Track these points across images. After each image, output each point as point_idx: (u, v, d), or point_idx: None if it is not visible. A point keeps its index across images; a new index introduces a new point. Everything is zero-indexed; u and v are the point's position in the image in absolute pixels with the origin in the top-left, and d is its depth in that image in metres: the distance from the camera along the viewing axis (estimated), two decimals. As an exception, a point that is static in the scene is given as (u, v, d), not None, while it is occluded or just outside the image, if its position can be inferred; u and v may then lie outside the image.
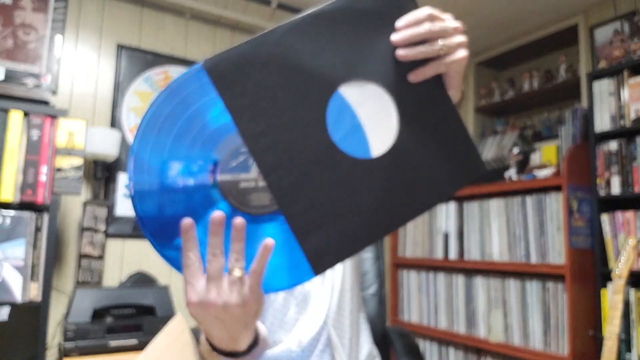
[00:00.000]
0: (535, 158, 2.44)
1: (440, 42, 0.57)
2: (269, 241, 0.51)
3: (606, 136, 2.12)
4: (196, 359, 1.00)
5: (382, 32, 0.55)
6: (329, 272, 1.08)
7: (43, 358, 1.76)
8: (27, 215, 1.75)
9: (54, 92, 2.24)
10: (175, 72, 2.56)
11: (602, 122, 2.13)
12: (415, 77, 0.57)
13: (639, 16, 2.34)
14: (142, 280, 2.19)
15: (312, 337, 1.00)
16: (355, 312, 1.10)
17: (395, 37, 0.56)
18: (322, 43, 0.52)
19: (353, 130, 0.54)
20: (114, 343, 1.86)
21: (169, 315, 1.95)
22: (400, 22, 0.57)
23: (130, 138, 2.41)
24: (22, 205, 1.75)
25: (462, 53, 0.59)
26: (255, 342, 0.63)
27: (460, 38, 0.60)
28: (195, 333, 1.09)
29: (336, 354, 1.01)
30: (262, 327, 0.72)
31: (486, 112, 3.29)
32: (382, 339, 1.37)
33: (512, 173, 2.45)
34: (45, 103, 1.88)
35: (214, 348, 0.60)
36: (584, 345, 2.05)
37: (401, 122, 0.55)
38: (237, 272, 0.51)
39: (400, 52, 0.56)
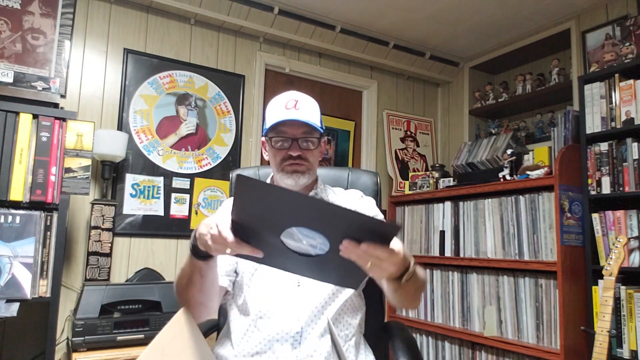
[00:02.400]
0: (528, 159, 2.49)
1: (369, 265, 0.79)
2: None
3: (597, 138, 2.17)
4: (200, 350, 1.05)
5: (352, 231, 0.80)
6: None
7: (52, 353, 1.80)
8: (37, 214, 1.79)
9: (63, 95, 2.30)
10: (180, 75, 2.62)
11: (593, 124, 2.19)
12: (343, 255, 0.79)
13: (631, 20, 2.40)
14: (148, 276, 2.24)
15: (309, 318, 1.09)
16: (355, 321, 1.18)
17: (344, 249, 0.78)
18: (304, 212, 0.78)
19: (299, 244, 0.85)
20: (121, 338, 1.90)
21: (175, 310, 1.96)
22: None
23: (136, 140, 2.47)
24: (32, 205, 1.80)
25: (379, 274, 0.84)
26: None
27: (388, 267, 0.82)
28: (200, 328, 1.14)
29: (338, 344, 1.08)
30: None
31: (481, 114, 3.35)
32: (380, 334, 1.41)
33: (505, 173, 2.50)
34: (54, 106, 1.91)
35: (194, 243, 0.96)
36: (576, 340, 2.10)
37: (329, 252, 0.83)
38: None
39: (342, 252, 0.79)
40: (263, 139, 1.23)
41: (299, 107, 1.14)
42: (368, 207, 1.28)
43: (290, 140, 1.15)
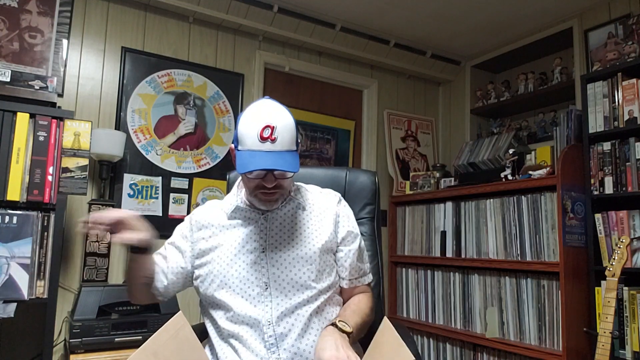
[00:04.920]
0: (530, 159, 2.47)
1: None
2: None
3: (600, 137, 2.16)
4: (195, 355, 1.04)
5: None
6: None
7: (49, 354, 1.79)
8: (34, 214, 1.78)
9: (60, 94, 2.29)
10: (178, 74, 2.60)
11: (596, 124, 2.17)
12: None
13: (633, 19, 2.38)
14: (146, 277, 2.23)
15: (279, 318, 1.14)
16: (333, 316, 1.18)
17: None
18: None
19: None
20: (119, 339, 1.89)
21: (173, 312, 1.97)
22: None
23: (134, 139, 2.45)
24: (29, 205, 1.79)
25: None
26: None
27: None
28: (196, 330, 1.13)
29: None
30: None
31: (482, 113, 3.33)
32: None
33: (507, 173, 2.48)
34: (51, 105, 1.90)
35: None
36: (578, 342, 2.09)
37: None
38: None
39: None
40: (232, 145, 1.16)
41: (275, 136, 1.06)
42: (347, 217, 1.26)
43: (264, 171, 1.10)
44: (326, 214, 1.23)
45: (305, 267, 1.14)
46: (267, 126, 1.06)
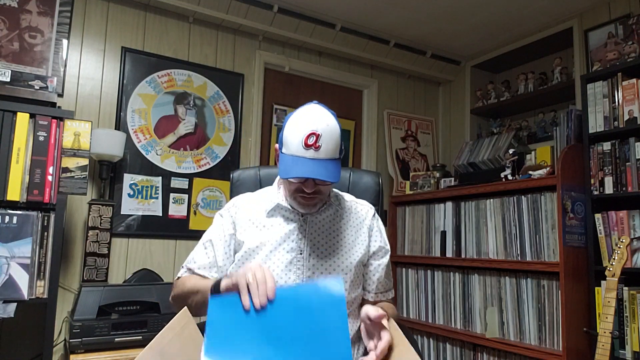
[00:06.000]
0: (530, 159, 2.47)
1: None
2: None
3: (600, 137, 2.15)
4: (200, 352, 1.04)
5: None
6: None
7: (49, 355, 1.79)
8: (34, 214, 1.78)
9: (60, 94, 2.29)
10: (178, 74, 2.60)
11: (596, 124, 2.17)
12: None
13: (633, 19, 2.38)
14: (146, 277, 2.23)
15: None
16: (354, 327, 1.19)
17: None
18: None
19: None
20: (119, 339, 1.89)
21: (173, 311, 1.97)
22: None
23: (134, 139, 2.45)
24: (29, 205, 1.79)
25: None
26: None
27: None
28: (201, 327, 1.13)
29: None
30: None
31: (482, 113, 3.33)
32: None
33: (507, 173, 2.48)
34: (51, 105, 1.90)
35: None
36: (578, 342, 2.09)
37: None
38: None
39: None
40: (277, 145, 1.17)
41: (319, 144, 1.07)
42: (379, 232, 1.28)
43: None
44: (362, 226, 1.25)
45: (340, 277, 1.15)
46: (312, 133, 1.06)
